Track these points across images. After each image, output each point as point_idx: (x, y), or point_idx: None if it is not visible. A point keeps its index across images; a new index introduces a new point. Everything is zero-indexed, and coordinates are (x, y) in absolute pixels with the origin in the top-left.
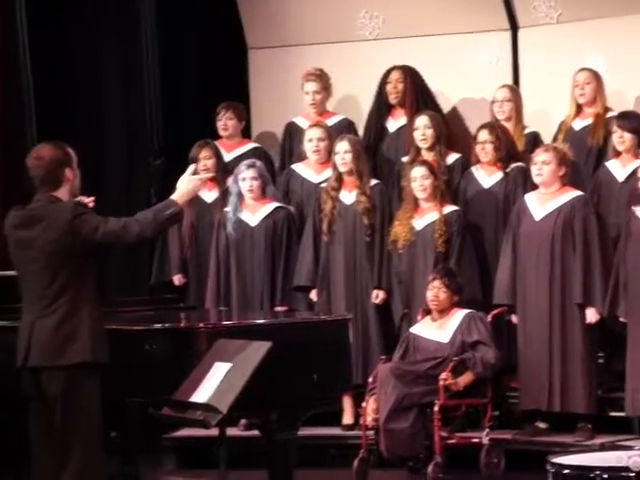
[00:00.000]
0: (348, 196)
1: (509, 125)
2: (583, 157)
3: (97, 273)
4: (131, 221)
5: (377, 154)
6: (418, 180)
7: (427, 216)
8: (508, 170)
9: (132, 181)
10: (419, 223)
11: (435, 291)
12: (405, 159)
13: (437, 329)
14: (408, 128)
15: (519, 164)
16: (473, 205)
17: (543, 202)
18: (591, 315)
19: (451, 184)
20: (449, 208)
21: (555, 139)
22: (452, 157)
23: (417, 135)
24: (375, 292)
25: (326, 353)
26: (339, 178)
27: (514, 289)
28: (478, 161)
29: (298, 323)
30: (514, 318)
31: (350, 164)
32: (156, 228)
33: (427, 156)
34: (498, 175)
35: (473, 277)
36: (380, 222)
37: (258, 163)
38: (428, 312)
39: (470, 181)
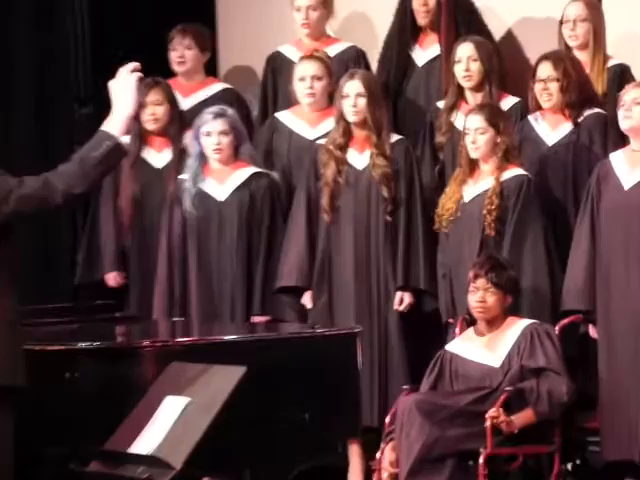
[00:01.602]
0: (359, 158)
1: (584, 55)
2: None
3: (13, 260)
4: (52, 176)
5: (400, 98)
6: (471, 134)
7: (481, 183)
8: (581, 119)
9: (51, 135)
10: (469, 192)
11: (481, 294)
12: (440, 104)
13: (484, 347)
14: (445, 60)
15: (597, 110)
16: (531, 170)
17: (636, 163)
18: None
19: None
20: (512, 172)
21: None
22: (508, 101)
23: (458, 70)
24: (399, 295)
25: (324, 382)
26: (346, 132)
27: (593, 289)
28: (539, 107)
29: (284, 340)
30: (592, 331)
31: (363, 112)
32: (87, 178)
33: (472, 100)
34: (566, 127)
35: (537, 272)
36: (406, 194)
37: (229, 112)
38: (471, 322)
39: (527, 135)
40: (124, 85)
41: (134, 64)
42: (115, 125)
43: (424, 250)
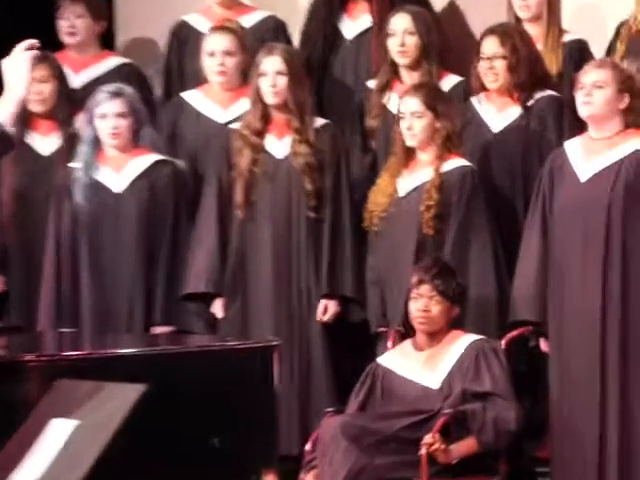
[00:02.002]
0: (279, 145)
1: (537, 29)
2: None
3: None
4: None
5: (325, 76)
6: (407, 118)
7: (418, 174)
8: (532, 102)
9: None
10: (404, 185)
11: (424, 301)
12: (372, 84)
13: (422, 365)
14: (377, 33)
15: (551, 93)
16: (474, 160)
17: (593, 153)
18: None
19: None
20: (453, 162)
21: (612, 50)
22: (449, 81)
23: (392, 45)
24: (323, 303)
25: (236, 403)
26: (264, 115)
27: (544, 298)
28: (483, 88)
29: (190, 354)
30: (544, 344)
31: (283, 93)
32: None
33: (408, 79)
34: (515, 111)
35: (484, 279)
36: (332, 186)
37: (127, 90)
38: (405, 335)
39: (471, 120)
40: (17, 64)
41: (31, 41)
42: (4, 108)
43: (352, 252)
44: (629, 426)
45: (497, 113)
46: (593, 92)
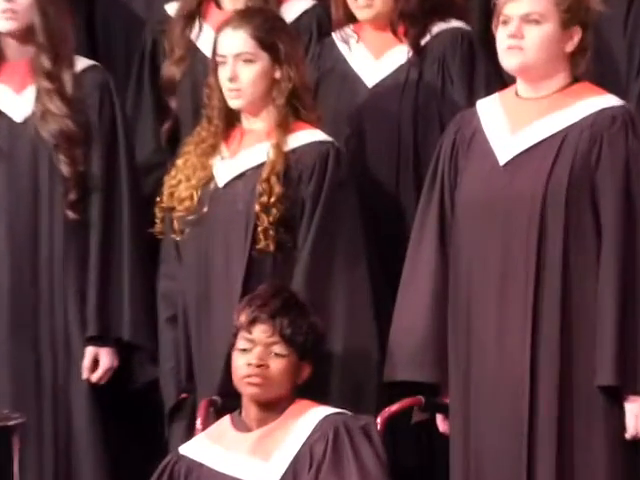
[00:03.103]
0: (17, 100)
1: None
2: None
3: None
4: None
5: None
6: (229, 64)
7: (247, 153)
8: (427, 40)
9: None
10: (226, 170)
11: (258, 351)
12: (172, 8)
13: (251, 453)
14: None
15: (456, 25)
16: (338, 132)
17: (522, 121)
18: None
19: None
20: (304, 136)
21: None
22: (294, 7)
23: None
24: (90, 353)
25: None
26: None
27: (442, 347)
28: (350, 17)
29: None
30: (442, 423)
31: (25, 17)
32: None
33: (229, 2)
34: (400, 54)
35: (356, 320)
36: (103, 169)
37: None
38: (225, 408)
39: (332, 68)
40: None
41: None
42: None
43: (133, 273)
44: None
45: (373, 58)
46: (524, 30)
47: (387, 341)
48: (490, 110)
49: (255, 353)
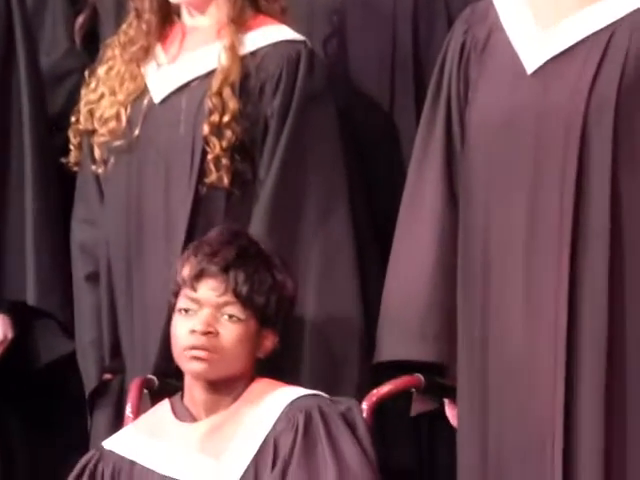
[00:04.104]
0: None
1: None
2: None
3: None
4: None
5: None
6: None
7: (191, 58)
8: None
9: None
10: (163, 81)
11: (203, 316)
12: None
13: (199, 448)
14: None
15: None
16: (308, 26)
17: (555, 11)
18: None
19: None
20: (268, 33)
21: None
22: None
23: None
24: None
25: None
26: None
27: (447, 316)
28: None
29: None
30: (449, 408)
31: None
32: None
33: None
34: None
35: (335, 276)
36: None
37: None
38: (164, 391)
39: None
40: None
41: None
42: None
43: (38, 218)
44: None
45: None
46: None
47: (374, 307)
48: (511, 1)
49: (201, 317)
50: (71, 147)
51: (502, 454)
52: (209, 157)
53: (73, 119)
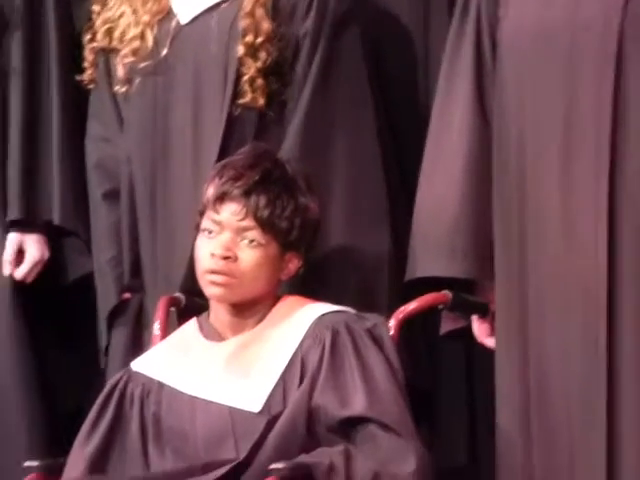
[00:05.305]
0: None
1: None
2: None
3: None
4: None
5: None
6: None
7: None
8: None
9: None
10: (189, 0)
11: (225, 239)
12: None
13: (225, 367)
14: None
15: None
16: None
17: None
18: None
19: None
20: None
21: None
22: None
23: None
24: (13, 240)
25: None
26: None
27: (480, 231)
28: None
29: None
30: (480, 327)
31: None
32: None
33: None
34: None
35: (366, 194)
36: None
37: None
38: (190, 309)
39: None
40: None
41: None
42: None
43: (63, 137)
44: None
45: None
46: None
47: (402, 235)
48: None
49: (221, 240)
50: (85, 65)
51: (543, 359)
52: (244, 78)
53: (88, 36)
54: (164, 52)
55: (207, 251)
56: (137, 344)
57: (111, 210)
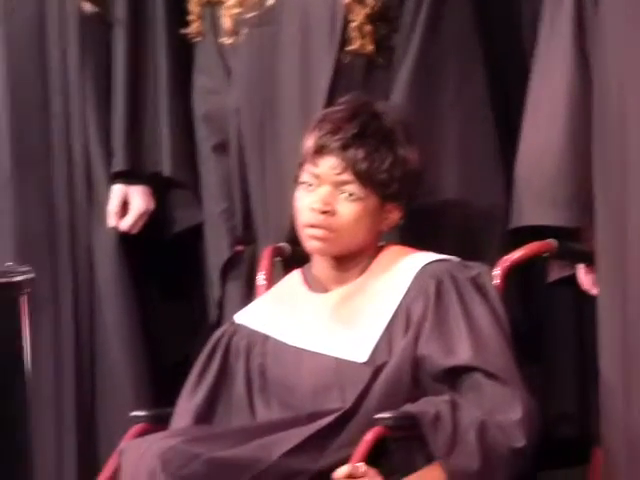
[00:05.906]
0: None
1: None
2: None
3: None
4: None
5: None
6: None
7: None
8: None
9: None
10: None
11: (324, 192)
12: None
13: (330, 318)
14: None
15: None
16: None
17: None
18: None
19: None
20: None
21: None
22: None
23: None
24: (118, 192)
25: None
26: None
27: (583, 182)
28: None
29: None
30: (585, 277)
31: None
32: None
33: None
34: None
35: (475, 145)
36: None
37: None
38: (298, 259)
39: None
40: None
41: None
42: None
43: (172, 89)
44: None
45: None
46: None
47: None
48: None
49: (320, 194)
50: (191, 18)
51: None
52: (352, 24)
53: None
54: (270, 2)
55: (306, 204)
56: (250, 297)
57: (221, 162)
